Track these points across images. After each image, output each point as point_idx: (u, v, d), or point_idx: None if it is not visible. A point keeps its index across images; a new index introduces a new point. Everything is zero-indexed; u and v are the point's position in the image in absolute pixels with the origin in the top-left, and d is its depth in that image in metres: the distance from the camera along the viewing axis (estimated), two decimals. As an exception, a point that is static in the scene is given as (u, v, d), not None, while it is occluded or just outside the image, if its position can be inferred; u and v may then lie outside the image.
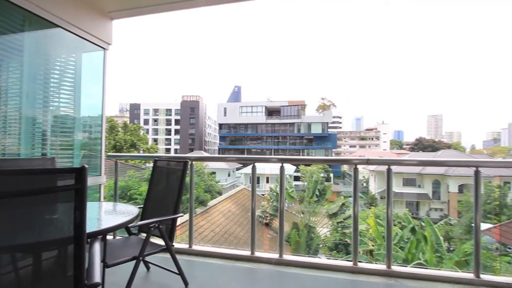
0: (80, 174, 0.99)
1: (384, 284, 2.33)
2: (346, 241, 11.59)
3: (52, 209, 1.09)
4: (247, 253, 2.79)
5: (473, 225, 2.48)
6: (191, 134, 61.40)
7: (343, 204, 12.77)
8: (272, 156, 3.26)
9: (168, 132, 63.89)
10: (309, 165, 21.32)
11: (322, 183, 13.73)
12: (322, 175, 17.70)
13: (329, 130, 48.07)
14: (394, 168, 2.65)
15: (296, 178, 26.27)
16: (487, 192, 16.89)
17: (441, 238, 7.76)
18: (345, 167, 44.64)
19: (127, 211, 1.86)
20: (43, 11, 2.42)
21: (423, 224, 8.24)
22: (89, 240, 1.26)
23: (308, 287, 2.30)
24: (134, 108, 64.29)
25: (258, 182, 28.41)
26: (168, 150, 62.40)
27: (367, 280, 2.38)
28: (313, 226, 12.63)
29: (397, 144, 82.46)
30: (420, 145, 66.82)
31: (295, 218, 13.44)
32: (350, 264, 2.57)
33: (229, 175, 35.92)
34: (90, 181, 2.94)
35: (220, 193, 18.32)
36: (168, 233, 2.17)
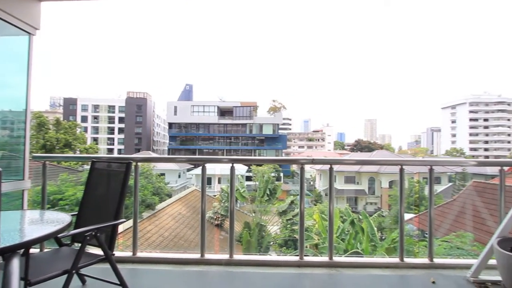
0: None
1: (327, 275, 2.52)
2: (295, 237, 12.17)
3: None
4: (196, 256, 2.72)
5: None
6: (138, 133, 57.32)
7: (292, 202, 13.37)
8: (223, 157, 3.24)
9: (111, 131, 58.54)
10: (260, 165, 21.84)
11: (273, 183, 14.15)
12: (273, 174, 18.26)
13: (279, 131, 49.85)
14: (337, 167, 2.88)
15: (248, 178, 26.61)
16: (410, 186, 19.60)
17: (375, 228, 8.72)
18: (294, 167, 46.89)
19: (57, 220, 1.65)
20: None
21: (360, 217, 9.13)
22: (3, 256, 1.08)
23: (257, 285, 2.35)
24: (69, 103, 57.27)
25: (210, 183, 27.95)
26: (110, 151, 57.20)
27: (311, 272, 2.54)
28: (264, 225, 12.93)
29: (339, 145, 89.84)
30: (359, 146, 73.97)
31: (247, 217, 13.60)
32: (296, 258, 2.71)
33: (179, 176, 34.59)
34: (9, 186, 2.52)
35: (169, 196, 17.55)
36: (108, 241, 1.99)
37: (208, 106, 48.76)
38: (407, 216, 11.83)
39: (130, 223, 2.84)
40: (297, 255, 2.72)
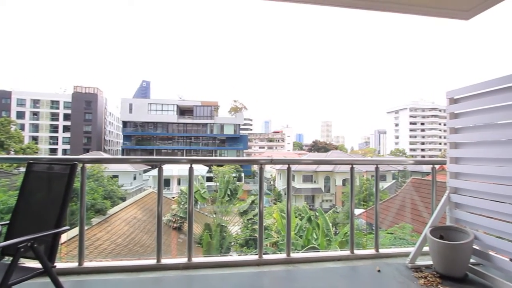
0: None
1: (284, 271, 2.60)
2: (255, 236, 12.32)
3: None
4: (152, 261, 2.59)
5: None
6: (87, 132, 52.47)
7: (252, 201, 13.50)
8: (181, 157, 3.13)
9: (54, 129, 52.58)
10: (221, 166, 21.64)
11: (234, 183, 14.14)
12: (234, 175, 18.25)
13: (240, 131, 49.97)
14: (295, 167, 2.99)
15: (209, 179, 26.17)
16: (361, 184, 21.28)
17: (330, 224, 9.28)
18: (255, 167, 47.42)
19: (-17, 231, 1.43)
20: None
21: (317, 214, 9.62)
22: None
23: (216, 287, 2.33)
24: (1, 97, 49.97)
25: (168, 185, 26.85)
26: (54, 151, 51.37)
27: (270, 270, 2.60)
28: (225, 225, 12.84)
29: (298, 145, 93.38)
30: (316, 146, 77.83)
31: (208, 219, 13.37)
32: (256, 257, 2.75)
33: (134, 178, 32.57)
34: None
35: (123, 199, 16.48)
36: (48, 252, 1.79)
37: (167, 105, 46.71)
38: (357, 212, 12.82)
39: (76, 230, 2.58)
40: (257, 254, 2.77)
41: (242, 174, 36.36)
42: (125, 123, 45.64)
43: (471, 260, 2.48)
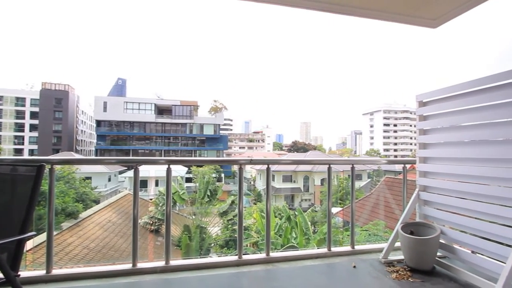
0: None
1: (264, 270, 2.62)
2: (235, 237, 12.26)
3: None
4: (127, 266, 2.50)
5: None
6: (57, 131, 49.53)
7: (232, 202, 13.44)
8: (159, 158, 3.04)
9: (20, 127, 49.10)
10: (201, 166, 21.34)
11: (213, 184, 13.99)
12: (213, 175, 18.06)
13: (220, 131, 49.58)
14: (275, 167, 3.02)
15: (188, 180, 25.70)
16: (339, 183, 21.92)
17: (309, 223, 9.47)
18: (235, 167, 47.25)
19: None
20: None
21: (296, 213, 9.78)
22: None
23: (195, 288, 2.29)
24: (-43, 93, 45.90)
25: (145, 186, 26.02)
26: (19, 151, 47.96)
27: (249, 270, 2.61)
28: (204, 227, 12.67)
29: (278, 146, 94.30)
30: (295, 147, 79.07)
31: (187, 220, 13.12)
32: (235, 258, 2.75)
33: (109, 179, 31.26)
34: None
35: (97, 202, 15.76)
36: (11, 260, 1.67)
37: (144, 104, 45.22)
38: (335, 210, 13.19)
39: (44, 236, 2.43)
40: (237, 255, 2.76)
41: (222, 175, 36.10)
42: (99, 122, 43.61)
43: (438, 254, 2.64)
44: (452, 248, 2.57)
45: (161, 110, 47.13)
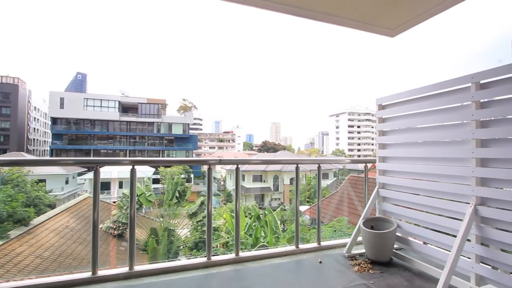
0: None
1: (233, 271, 2.61)
2: (205, 238, 12.06)
3: None
4: (87, 274, 2.33)
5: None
6: (4, 129, 44.61)
7: (202, 203, 13.21)
8: (122, 158, 2.87)
9: (-43, 125, 43.41)
10: (169, 167, 20.62)
11: (182, 184, 13.62)
12: (182, 176, 17.58)
13: (190, 131, 48.41)
14: (245, 167, 3.03)
15: (156, 181, 24.70)
16: (307, 182, 22.65)
17: (278, 222, 9.64)
18: (205, 167, 46.37)
19: None
20: None
21: (266, 212, 9.90)
22: None
23: (161, 293, 2.22)
24: None
25: (108, 188, 24.51)
26: (-45, 152, 42.29)
27: (218, 271, 2.58)
28: (173, 229, 12.29)
29: (248, 146, 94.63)
30: (265, 147, 79.99)
31: (154, 223, 12.61)
32: (204, 259, 2.70)
33: (67, 182, 28.95)
34: None
35: (52, 206, 14.53)
36: None
37: (108, 101, 42.49)
38: (303, 208, 13.60)
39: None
40: (205, 257, 2.72)
41: (192, 175, 35.27)
42: (54, 120, 40.06)
43: (395, 246, 2.85)
44: (407, 240, 2.79)
45: (126, 108, 44.70)
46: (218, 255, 2.93)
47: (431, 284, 2.31)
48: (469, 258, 2.16)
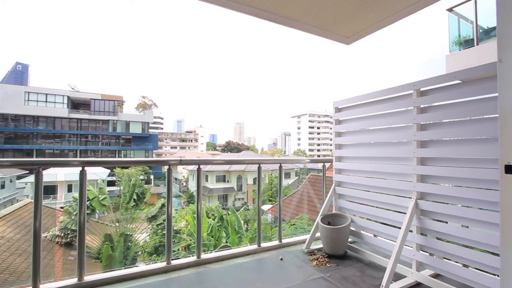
0: None
1: (194, 274, 2.55)
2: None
3: None
4: (26, 289, 2.09)
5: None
6: None
7: (163, 205, 12.67)
8: (70, 159, 2.60)
9: None
10: (127, 168, 19.40)
11: (141, 186, 12.91)
12: (141, 177, 16.67)
13: (150, 130, 46.06)
14: (208, 167, 2.98)
15: (111, 183, 23.00)
16: (270, 181, 23.08)
17: (242, 221, 9.66)
18: (165, 168, 44.48)
19: None
20: None
21: (229, 212, 9.85)
22: None
23: (115, 303, 2.08)
24: None
25: (54, 192, 22.18)
26: None
27: (179, 275, 2.51)
28: (130, 234, 11.56)
29: (212, 146, 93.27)
30: (229, 147, 79.61)
31: (109, 228, 11.74)
32: (164, 264, 2.60)
33: (3, 186, 25.52)
34: None
35: (-18, 215, 12.65)
36: None
37: (54, 96, 38.36)
38: (266, 207, 13.83)
39: None
40: (165, 261, 2.62)
41: (152, 176, 33.60)
42: (-14, 116, 35.03)
43: (350, 240, 3.05)
44: (360, 233, 3.00)
45: (77, 104, 40.89)
46: (179, 258, 2.84)
47: (380, 273, 2.52)
48: (411, 247, 2.41)
